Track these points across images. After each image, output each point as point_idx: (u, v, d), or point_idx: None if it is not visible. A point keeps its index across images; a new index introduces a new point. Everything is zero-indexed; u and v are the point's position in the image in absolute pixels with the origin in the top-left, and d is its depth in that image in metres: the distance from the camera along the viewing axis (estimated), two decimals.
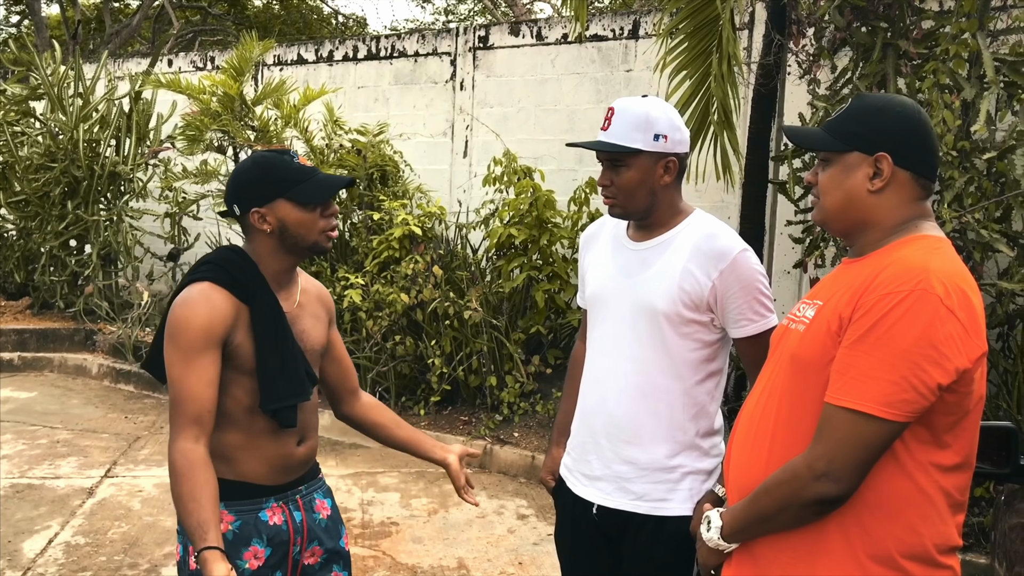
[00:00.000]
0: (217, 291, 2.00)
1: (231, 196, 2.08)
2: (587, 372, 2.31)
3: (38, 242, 8.63)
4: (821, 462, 1.53)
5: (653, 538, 2.16)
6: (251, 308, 2.03)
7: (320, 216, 2.06)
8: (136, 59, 10.84)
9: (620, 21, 7.32)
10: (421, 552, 4.35)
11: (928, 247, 1.59)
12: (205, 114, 7.24)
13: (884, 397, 1.49)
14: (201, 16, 18.58)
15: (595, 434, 2.24)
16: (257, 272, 2.06)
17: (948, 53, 4.37)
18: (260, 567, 2.06)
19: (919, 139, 1.66)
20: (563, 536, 2.40)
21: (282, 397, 2.04)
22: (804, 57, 5.14)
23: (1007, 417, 4.59)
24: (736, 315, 2.11)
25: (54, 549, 4.20)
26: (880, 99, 1.73)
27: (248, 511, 2.08)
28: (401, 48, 8.51)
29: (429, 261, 6.25)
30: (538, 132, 7.64)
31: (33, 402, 6.85)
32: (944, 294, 1.50)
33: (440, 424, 6.07)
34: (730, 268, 2.10)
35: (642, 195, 2.15)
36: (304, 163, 2.09)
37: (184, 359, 1.94)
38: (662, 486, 2.16)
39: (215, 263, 2.06)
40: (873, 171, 1.65)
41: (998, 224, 4.43)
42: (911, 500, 1.56)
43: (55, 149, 8.46)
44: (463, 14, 20.13)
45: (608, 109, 2.16)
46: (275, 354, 2.04)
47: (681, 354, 2.14)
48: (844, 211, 1.70)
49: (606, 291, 2.25)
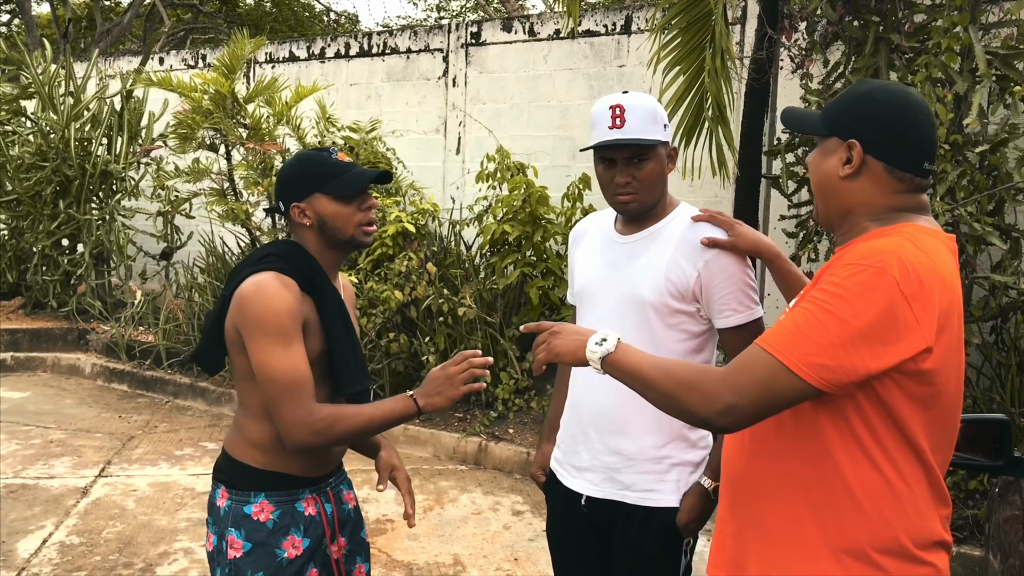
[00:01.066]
0: (286, 280, 2.02)
1: (277, 193, 2.14)
2: None
3: (30, 241, 8.59)
4: (730, 394, 1.52)
5: (642, 529, 2.17)
6: (316, 300, 2.07)
7: (357, 209, 2.10)
8: (127, 57, 10.81)
9: (612, 17, 7.31)
10: (417, 549, 4.35)
11: (905, 236, 1.55)
12: (197, 112, 7.21)
13: (807, 356, 1.47)
14: (192, 14, 18.50)
15: (584, 425, 2.26)
16: (317, 264, 2.11)
17: (940, 47, 4.37)
18: (298, 557, 2.09)
19: (897, 129, 1.61)
20: (554, 530, 2.42)
21: (359, 380, 2.11)
22: (796, 51, 5.14)
23: (1000, 410, 4.60)
24: (721, 305, 2.13)
25: (48, 549, 4.19)
26: (870, 85, 1.69)
27: (286, 501, 2.11)
28: (393, 45, 8.49)
29: (423, 258, 6.24)
30: (531, 128, 7.64)
31: (26, 402, 6.82)
32: (902, 279, 1.46)
33: (435, 421, 6.07)
34: (715, 258, 2.11)
35: (660, 185, 2.19)
36: (343, 158, 2.12)
37: (281, 343, 1.97)
38: (650, 476, 2.17)
39: (278, 256, 2.09)
40: (846, 157, 1.63)
41: (991, 217, 4.44)
42: (881, 493, 1.54)
43: (46, 148, 8.43)
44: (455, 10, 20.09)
45: (614, 107, 2.15)
46: (347, 341, 2.10)
47: (668, 345, 2.14)
48: (821, 195, 1.71)
49: (594, 285, 2.26)
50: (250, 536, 2.06)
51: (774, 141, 6.02)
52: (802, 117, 1.76)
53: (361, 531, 2.32)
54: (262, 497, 2.08)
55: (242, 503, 2.09)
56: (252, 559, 2.05)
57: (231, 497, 2.10)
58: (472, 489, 5.21)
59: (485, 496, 5.11)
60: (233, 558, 2.06)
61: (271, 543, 2.06)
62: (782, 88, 6.16)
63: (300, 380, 1.96)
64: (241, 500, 2.09)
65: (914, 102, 1.64)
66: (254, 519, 2.07)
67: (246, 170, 7.02)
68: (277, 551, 2.07)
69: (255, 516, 2.08)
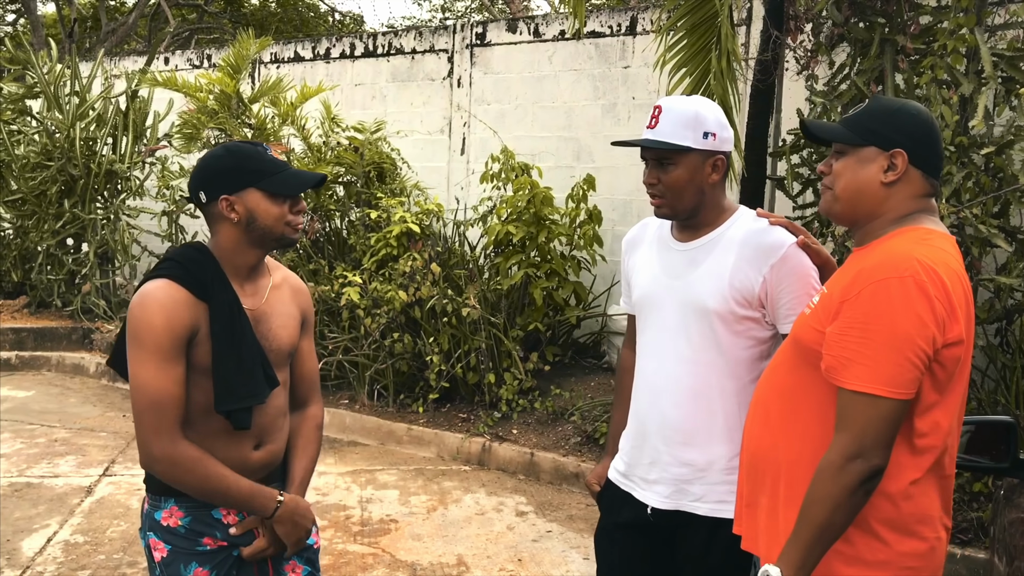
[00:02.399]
0: (176, 289, 1.97)
1: (199, 182, 2.04)
2: (639, 376, 2.29)
3: (35, 241, 8.61)
4: (851, 446, 1.63)
5: (709, 540, 2.14)
6: (209, 306, 2.00)
7: (289, 211, 2.05)
8: (132, 57, 10.83)
9: (617, 17, 7.31)
10: (420, 549, 4.35)
11: (918, 238, 1.72)
12: (202, 112, 7.23)
13: (891, 379, 1.62)
14: (197, 14, 18.54)
15: (650, 437, 2.22)
16: (218, 268, 2.04)
17: (946, 48, 4.37)
18: (221, 548, 2.07)
19: (931, 141, 1.80)
20: (608, 538, 2.35)
21: (238, 398, 2.01)
22: (802, 53, 5.14)
23: (1006, 412, 4.59)
24: (787, 310, 2.08)
25: (53, 548, 4.20)
26: (898, 102, 1.86)
27: (198, 508, 2.06)
28: (398, 45, 8.50)
29: (427, 259, 6.24)
30: (535, 129, 7.64)
31: (31, 401, 6.84)
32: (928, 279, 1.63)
33: (439, 422, 6.07)
34: (780, 262, 2.07)
35: (690, 194, 2.13)
36: (276, 156, 2.09)
37: (154, 361, 1.92)
38: (722, 487, 2.13)
39: (175, 260, 2.04)
40: (888, 165, 1.78)
41: (996, 219, 4.44)
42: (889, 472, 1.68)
43: (51, 148, 8.45)
44: (460, 11, 20.11)
45: (654, 107, 2.14)
46: (232, 354, 2.00)
47: (734, 353, 2.12)
48: (855, 200, 1.82)
49: (654, 294, 2.22)
50: (167, 540, 2.05)
51: (779, 143, 6.02)
52: (828, 128, 1.90)
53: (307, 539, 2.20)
54: (171, 503, 2.05)
55: (155, 508, 2.08)
56: (173, 558, 2.05)
57: (148, 502, 2.10)
58: (476, 489, 5.21)
59: (489, 496, 5.11)
60: (160, 559, 2.06)
61: (186, 548, 2.04)
62: (787, 89, 6.16)
63: (165, 402, 1.92)
64: (154, 505, 2.08)
65: (933, 117, 1.86)
66: (164, 524, 2.06)
67: None
68: (198, 548, 2.06)
69: (164, 522, 2.06)
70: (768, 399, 1.89)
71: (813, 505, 1.65)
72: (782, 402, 1.84)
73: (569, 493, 5.23)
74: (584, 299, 6.60)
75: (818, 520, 1.64)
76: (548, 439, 5.72)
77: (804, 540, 1.65)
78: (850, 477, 1.62)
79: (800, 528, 1.66)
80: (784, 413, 1.83)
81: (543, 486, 5.34)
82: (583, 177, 6.40)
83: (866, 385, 1.63)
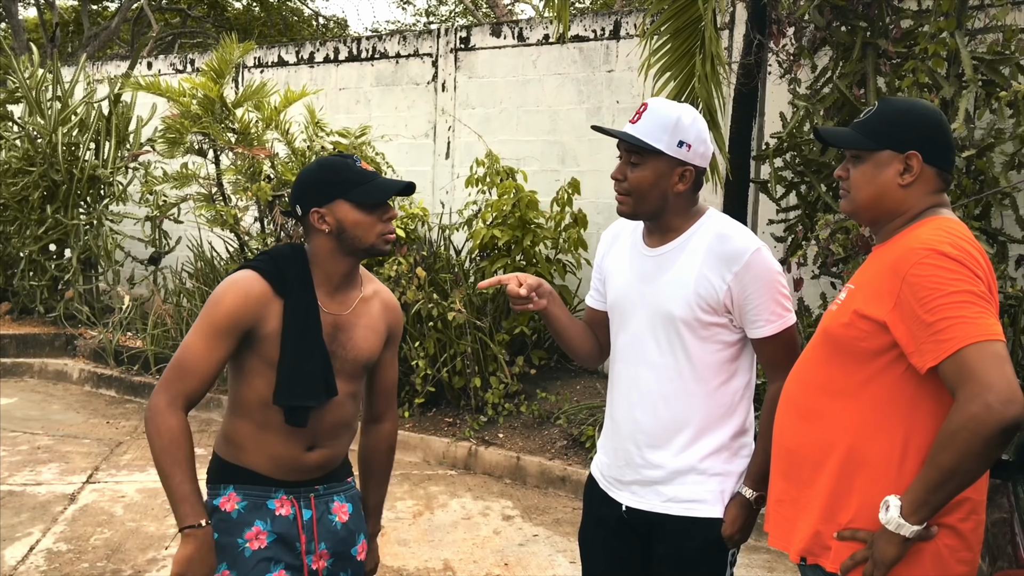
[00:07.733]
0: (257, 280, 2.06)
1: (295, 196, 2.13)
2: (613, 380, 2.31)
3: (17, 247, 8.55)
4: (986, 393, 1.61)
5: (683, 539, 2.16)
6: (285, 302, 2.07)
7: (379, 220, 2.10)
8: (115, 62, 10.77)
9: (601, 22, 7.33)
10: (407, 555, 4.34)
11: (939, 224, 1.81)
12: (185, 117, 7.19)
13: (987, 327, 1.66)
14: (180, 18, 18.45)
15: (623, 440, 2.24)
16: (305, 270, 2.11)
17: (927, 52, 4.40)
18: (260, 548, 2.08)
19: (942, 138, 1.88)
20: (590, 535, 2.38)
21: (294, 396, 2.07)
22: (784, 56, 5.17)
23: None
24: (753, 316, 2.10)
25: (36, 556, 4.16)
26: (906, 102, 1.95)
27: (256, 496, 2.12)
28: (382, 50, 8.49)
29: (412, 263, 6.23)
30: (520, 133, 7.64)
31: (13, 408, 6.78)
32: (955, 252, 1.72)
33: (424, 426, 6.06)
34: (744, 269, 2.08)
35: (653, 197, 2.14)
36: (366, 167, 2.13)
37: (204, 332, 2.02)
38: (693, 487, 2.16)
39: (269, 254, 2.14)
40: (903, 167, 1.87)
41: (978, 222, 4.47)
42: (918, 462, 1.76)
43: (33, 153, 8.39)
44: (444, 15, 20.10)
45: (642, 104, 2.15)
46: (295, 351, 2.06)
47: (702, 357, 2.13)
48: (876, 203, 1.91)
49: (627, 298, 2.25)
50: (217, 527, 2.07)
51: (762, 146, 6.04)
52: (841, 134, 1.97)
53: (352, 548, 2.26)
54: (231, 489, 2.12)
55: (213, 496, 2.13)
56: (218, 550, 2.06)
57: (208, 491, 2.15)
58: (462, 494, 5.20)
59: (475, 501, 5.10)
60: None
61: (234, 532, 2.08)
62: (770, 93, 6.19)
63: (190, 369, 2.01)
64: (213, 493, 2.14)
65: (941, 112, 1.93)
66: (222, 510, 2.10)
67: (234, 175, 7.00)
68: (239, 540, 2.08)
69: (222, 507, 2.10)
70: (803, 395, 1.93)
71: (945, 451, 1.65)
72: (821, 396, 1.88)
73: (555, 497, 5.23)
74: (570, 303, 6.61)
75: (946, 467, 1.65)
76: (534, 443, 5.72)
77: (927, 483, 1.68)
78: (992, 424, 1.60)
79: (927, 471, 1.68)
80: (826, 406, 1.86)
81: (529, 490, 5.34)
82: (568, 181, 6.41)
83: (972, 337, 1.65)
